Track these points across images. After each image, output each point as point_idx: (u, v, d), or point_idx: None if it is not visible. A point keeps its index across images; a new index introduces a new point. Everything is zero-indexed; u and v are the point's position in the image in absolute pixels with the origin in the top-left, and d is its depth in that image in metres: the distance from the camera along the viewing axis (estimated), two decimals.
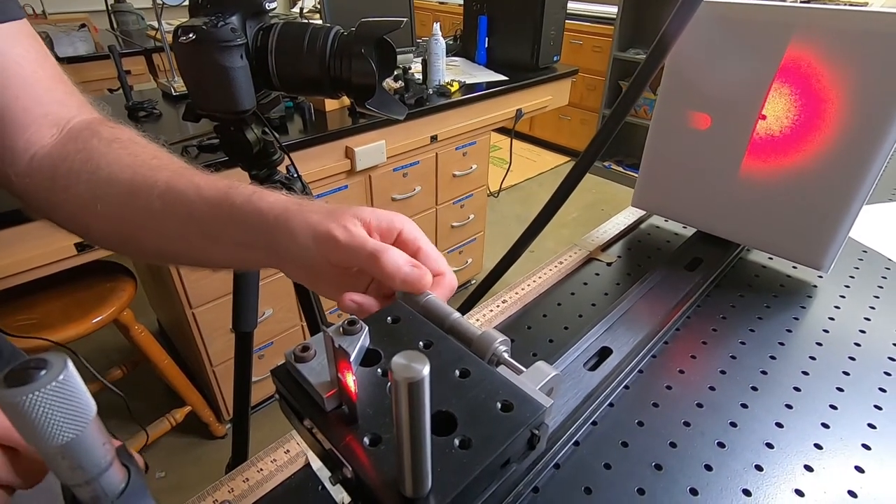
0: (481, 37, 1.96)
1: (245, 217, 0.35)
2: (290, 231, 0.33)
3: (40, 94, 0.40)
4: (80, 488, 0.17)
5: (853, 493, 0.41)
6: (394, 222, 0.34)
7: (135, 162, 0.39)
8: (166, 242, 0.39)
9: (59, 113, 0.41)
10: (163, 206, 0.37)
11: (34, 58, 0.40)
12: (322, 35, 0.59)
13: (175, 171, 0.38)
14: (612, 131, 0.57)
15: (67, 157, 0.39)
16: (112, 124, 0.42)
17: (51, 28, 2.12)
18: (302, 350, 0.28)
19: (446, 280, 0.35)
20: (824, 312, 0.62)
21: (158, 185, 0.37)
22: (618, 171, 3.32)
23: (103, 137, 0.40)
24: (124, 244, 0.41)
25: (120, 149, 0.39)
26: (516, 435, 0.25)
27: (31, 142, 0.39)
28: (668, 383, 0.52)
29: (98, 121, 0.43)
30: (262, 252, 0.36)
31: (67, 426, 0.15)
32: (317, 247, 0.32)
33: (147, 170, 0.38)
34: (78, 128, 0.41)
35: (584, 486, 0.42)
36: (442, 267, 0.35)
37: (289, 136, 1.32)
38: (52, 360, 0.14)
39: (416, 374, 0.18)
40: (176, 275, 1.26)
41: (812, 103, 0.56)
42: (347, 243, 0.32)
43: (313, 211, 0.33)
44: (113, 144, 0.40)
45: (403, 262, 0.32)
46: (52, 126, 0.40)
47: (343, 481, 0.26)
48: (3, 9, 0.38)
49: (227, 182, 0.37)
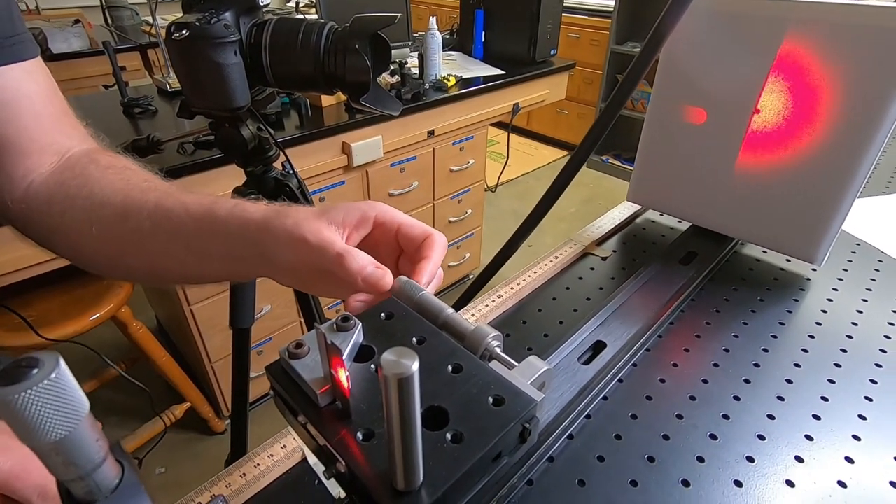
0: (478, 31, 1.95)
1: (229, 229, 0.36)
2: (271, 238, 0.34)
3: (48, 126, 0.42)
4: (75, 484, 0.17)
5: (843, 484, 0.42)
6: (365, 211, 0.35)
7: (127, 186, 0.40)
8: (156, 261, 0.40)
9: (62, 142, 0.43)
10: (152, 226, 0.38)
11: (45, 93, 0.42)
12: (316, 31, 0.59)
13: (164, 192, 0.39)
14: (606, 125, 0.57)
15: (64, 184, 0.41)
16: (109, 153, 0.44)
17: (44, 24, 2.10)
18: (296, 347, 0.28)
19: (435, 239, 0.35)
20: (817, 305, 0.62)
21: (148, 206, 0.38)
22: (616, 164, 3.32)
23: (100, 164, 0.42)
24: (115, 266, 0.42)
25: (114, 174, 0.41)
26: (507, 429, 0.25)
27: (31, 169, 0.41)
28: (662, 376, 0.52)
29: (96, 150, 0.44)
30: (249, 263, 0.36)
31: (60, 423, 0.15)
32: (293, 251, 0.33)
33: (138, 192, 0.39)
34: (76, 156, 0.43)
35: (578, 479, 0.42)
36: (427, 229, 0.36)
37: (285, 131, 1.32)
38: (43, 358, 0.15)
39: (405, 370, 0.19)
40: None
41: (806, 97, 0.56)
42: (316, 245, 0.32)
43: (290, 216, 0.34)
44: (108, 171, 0.41)
45: (366, 263, 0.32)
46: (54, 154, 0.42)
47: (337, 476, 0.26)
48: (20, 49, 0.40)
49: (212, 198, 0.38)
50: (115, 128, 1.31)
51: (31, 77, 0.41)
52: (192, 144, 1.17)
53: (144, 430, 1.47)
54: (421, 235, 0.35)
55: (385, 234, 0.36)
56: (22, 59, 0.40)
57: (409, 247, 0.36)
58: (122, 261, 0.41)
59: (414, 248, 0.35)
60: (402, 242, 0.36)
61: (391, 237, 0.36)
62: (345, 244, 0.33)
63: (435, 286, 0.35)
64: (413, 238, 0.35)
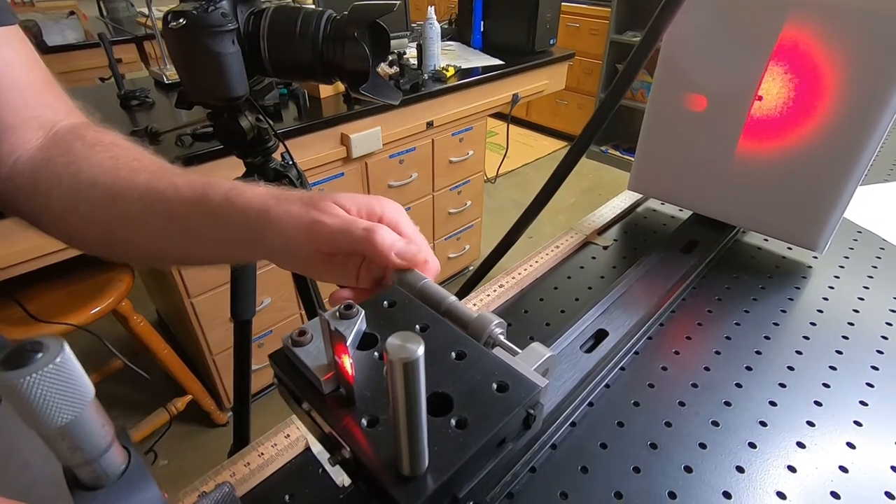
0: (477, 20, 1.94)
1: (224, 215, 0.35)
2: (273, 226, 0.33)
3: (29, 97, 0.40)
4: (81, 469, 0.17)
5: (844, 469, 0.42)
6: (373, 207, 0.34)
7: (116, 165, 0.39)
8: (149, 244, 0.39)
9: (47, 116, 0.41)
10: (143, 208, 0.37)
11: (24, 61, 0.40)
12: (314, 19, 0.59)
13: (154, 172, 0.38)
14: (606, 115, 0.57)
15: (51, 161, 0.39)
16: (97, 128, 0.42)
17: (39, 16, 2.08)
18: (299, 334, 0.28)
19: (430, 266, 0.35)
20: (818, 293, 0.62)
21: (138, 188, 0.37)
22: (615, 155, 3.31)
23: (86, 141, 0.40)
24: (107, 248, 0.41)
25: (102, 152, 0.39)
26: (511, 415, 0.25)
27: (16, 145, 0.39)
28: (664, 364, 0.52)
29: (83, 125, 0.42)
30: (247, 248, 0.36)
31: (66, 408, 0.15)
32: (305, 237, 0.32)
33: (128, 172, 0.38)
34: (62, 132, 0.41)
35: (581, 466, 0.42)
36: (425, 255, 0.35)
37: (283, 123, 1.31)
38: (48, 343, 0.14)
39: (411, 355, 0.19)
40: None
41: (808, 83, 0.56)
42: (338, 227, 0.32)
43: (292, 202, 0.33)
44: (95, 148, 0.40)
45: (395, 238, 0.32)
46: (39, 129, 0.40)
47: (342, 462, 0.26)
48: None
49: (204, 180, 0.37)
50: (113, 120, 1.30)
51: (8, 44, 0.38)
52: (191, 136, 1.17)
53: (147, 422, 1.47)
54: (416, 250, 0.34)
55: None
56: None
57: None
58: (113, 242, 0.40)
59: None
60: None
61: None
62: (367, 221, 0.32)
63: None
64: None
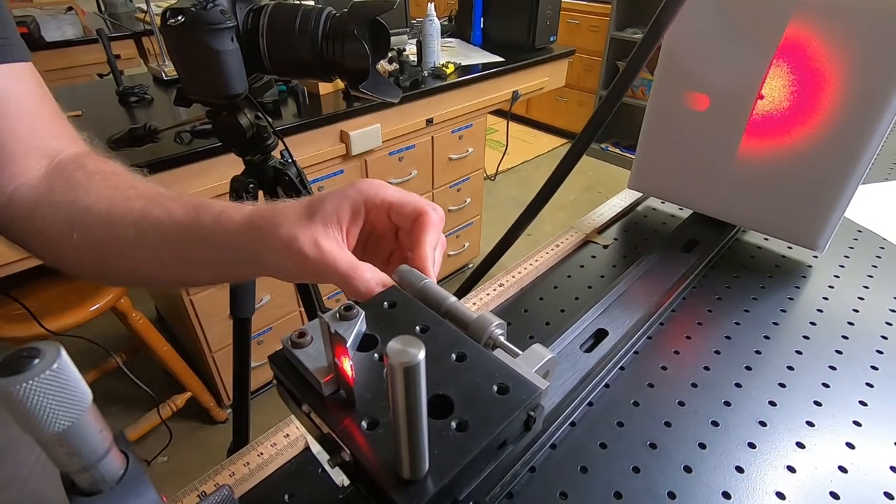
0: (477, 17, 1.93)
1: (216, 238, 0.35)
2: (263, 248, 0.33)
3: (38, 128, 0.41)
4: (79, 475, 0.17)
5: (843, 469, 0.42)
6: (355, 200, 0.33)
7: (113, 194, 0.39)
8: (143, 268, 0.39)
9: (52, 146, 0.42)
10: (137, 234, 0.37)
11: (36, 94, 0.41)
12: (314, 16, 0.58)
13: (150, 199, 0.38)
14: (608, 113, 0.56)
15: (52, 190, 0.39)
16: (98, 158, 0.43)
17: (37, 12, 2.07)
18: (299, 336, 0.28)
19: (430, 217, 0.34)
20: (818, 292, 0.62)
21: (133, 214, 0.37)
22: (615, 152, 3.31)
23: (88, 170, 0.40)
24: (100, 273, 0.41)
25: (101, 181, 0.40)
26: (512, 417, 0.25)
27: (16, 174, 0.39)
28: (664, 363, 0.52)
29: (86, 154, 0.43)
30: (242, 268, 0.36)
31: (63, 414, 0.15)
32: (292, 262, 0.32)
33: (124, 200, 0.38)
34: (65, 161, 0.41)
35: (580, 466, 0.42)
36: (420, 206, 0.34)
37: (283, 120, 1.30)
38: (45, 348, 0.14)
39: (411, 359, 0.18)
40: None
41: (810, 83, 0.55)
42: (319, 262, 0.31)
43: (281, 223, 0.33)
44: (95, 177, 0.40)
45: (375, 282, 0.32)
46: (42, 158, 0.41)
47: (342, 465, 0.26)
48: (9, 51, 0.39)
49: (197, 202, 0.37)
50: (111, 117, 1.30)
51: (21, 78, 0.40)
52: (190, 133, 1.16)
53: (146, 420, 1.48)
54: (412, 214, 0.34)
55: (379, 216, 0.35)
56: (11, 60, 0.39)
57: (404, 224, 0.35)
58: (106, 267, 0.40)
59: (408, 227, 0.35)
60: (396, 221, 0.35)
61: (385, 217, 0.35)
62: (347, 257, 0.32)
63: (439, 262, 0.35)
64: (405, 217, 0.34)
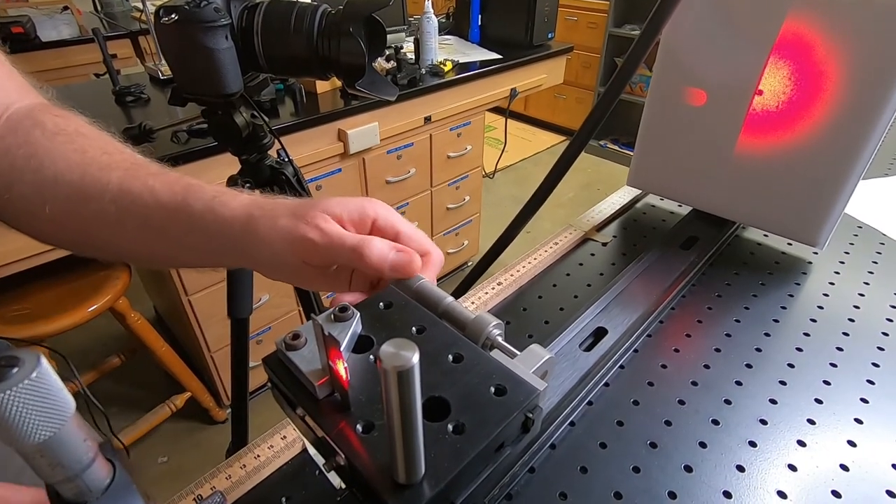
0: (474, 14, 1.92)
1: (207, 226, 0.33)
2: (259, 239, 0.32)
3: None
4: (63, 485, 0.17)
5: (845, 467, 0.42)
6: (366, 211, 0.33)
7: (83, 160, 0.35)
8: (126, 246, 0.36)
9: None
10: (117, 211, 0.34)
11: None
12: (309, 14, 0.58)
13: (127, 171, 0.35)
14: (606, 110, 0.56)
15: (8, 153, 0.35)
16: (56, 111, 0.38)
17: (32, 11, 2.06)
18: (293, 338, 0.28)
19: (433, 258, 0.34)
20: (819, 289, 0.62)
21: (111, 189, 0.34)
22: (614, 149, 3.30)
23: (47, 129, 0.36)
24: (80, 246, 0.38)
25: (66, 143, 0.36)
26: (510, 419, 0.25)
27: None
28: (664, 362, 0.52)
29: (41, 107, 0.38)
30: (231, 257, 0.34)
31: (44, 424, 0.14)
32: (292, 251, 0.31)
33: (97, 169, 0.35)
34: (18, 117, 0.37)
35: (580, 466, 0.42)
36: (426, 246, 0.34)
37: (280, 119, 1.30)
38: (24, 357, 0.14)
39: (405, 363, 0.18)
40: None
41: (809, 77, 0.55)
42: (325, 244, 0.30)
43: (280, 214, 0.32)
44: (57, 137, 0.36)
45: (388, 249, 0.31)
46: None
47: (337, 469, 0.26)
48: None
49: (184, 183, 0.34)
50: (108, 117, 1.28)
51: None
52: (186, 133, 1.15)
53: (145, 420, 1.47)
54: (418, 250, 0.33)
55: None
56: None
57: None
58: (89, 241, 0.37)
59: None
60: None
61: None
62: (356, 235, 0.31)
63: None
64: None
